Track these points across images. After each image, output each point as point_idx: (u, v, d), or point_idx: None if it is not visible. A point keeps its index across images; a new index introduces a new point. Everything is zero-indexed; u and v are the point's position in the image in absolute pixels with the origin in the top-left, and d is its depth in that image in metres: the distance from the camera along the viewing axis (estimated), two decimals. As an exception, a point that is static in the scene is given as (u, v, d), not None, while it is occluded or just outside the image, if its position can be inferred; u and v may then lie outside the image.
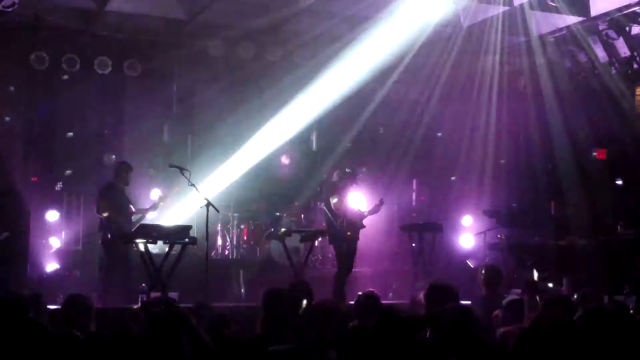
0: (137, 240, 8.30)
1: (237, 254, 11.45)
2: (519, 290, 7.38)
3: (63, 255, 10.58)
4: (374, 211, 9.63)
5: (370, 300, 5.48)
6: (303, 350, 3.82)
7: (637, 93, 11.64)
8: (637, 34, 10.62)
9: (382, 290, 10.12)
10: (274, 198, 12.15)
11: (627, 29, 10.41)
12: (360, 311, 5.41)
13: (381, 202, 9.67)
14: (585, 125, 11.82)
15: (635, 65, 10.78)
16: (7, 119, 11.60)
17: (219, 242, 11.79)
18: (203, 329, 4.68)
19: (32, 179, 11.70)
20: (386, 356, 3.45)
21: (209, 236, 8.26)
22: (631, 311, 7.65)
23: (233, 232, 11.71)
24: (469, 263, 11.62)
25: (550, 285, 9.71)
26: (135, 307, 7.38)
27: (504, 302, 5.61)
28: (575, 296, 6.68)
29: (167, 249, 8.70)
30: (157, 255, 8.94)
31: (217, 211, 9.27)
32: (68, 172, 11.19)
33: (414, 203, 12.54)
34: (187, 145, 12.79)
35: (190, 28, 11.75)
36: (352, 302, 6.00)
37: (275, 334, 4.45)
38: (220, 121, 13.11)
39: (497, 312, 5.61)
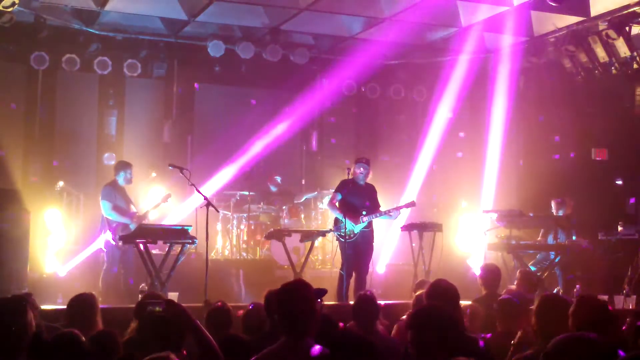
0: (137, 240, 8.30)
1: (237, 254, 11.45)
2: (512, 287, 7.33)
3: (63, 255, 10.57)
4: (396, 213, 9.13)
5: (368, 301, 5.47)
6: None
7: (637, 93, 11.64)
8: (637, 34, 10.62)
9: (382, 291, 10.14)
10: (274, 198, 12.15)
11: (627, 29, 10.40)
12: (359, 312, 5.41)
13: (411, 204, 9.31)
14: (585, 125, 11.82)
15: (635, 65, 10.77)
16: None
17: (219, 242, 11.79)
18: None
19: (32, 179, 11.72)
20: None
21: (209, 236, 8.24)
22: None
23: (233, 232, 11.71)
24: (468, 263, 11.61)
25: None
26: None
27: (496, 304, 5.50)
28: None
29: (167, 249, 8.72)
30: (157, 255, 8.95)
31: (217, 211, 9.28)
32: (60, 183, 11.18)
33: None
34: (187, 146, 12.80)
35: (190, 28, 11.76)
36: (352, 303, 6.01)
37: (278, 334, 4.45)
38: (220, 121, 13.14)
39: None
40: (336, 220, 9.09)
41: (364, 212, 8.95)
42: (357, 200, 9.03)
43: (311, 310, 3.75)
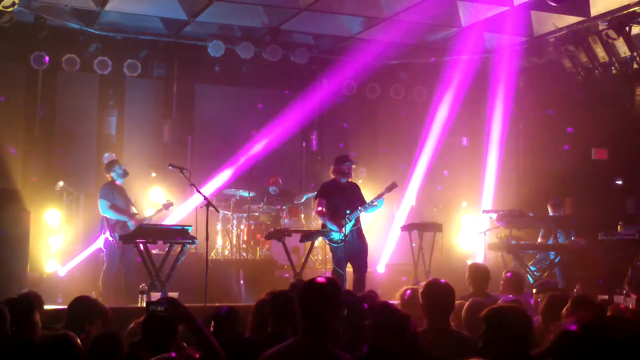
0: (137, 240, 8.30)
1: (237, 254, 11.45)
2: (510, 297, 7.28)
3: (63, 255, 10.57)
4: (380, 201, 8.78)
5: (357, 308, 5.43)
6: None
7: (637, 93, 11.64)
8: (637, 34, 10.62)
9: (382, 291, 10.13)
10: (274, 198, 12.15)
11: (627, 29, 10.40)
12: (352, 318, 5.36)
13: (393, 186, 8.93)
14: (585, 125, 11.82)
15: (635, 65, 10.77)
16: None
17: (219, 242, 11.79)
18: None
19: (32, 179, 11.72)
20: None
21: (209, 236, 8.24)
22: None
23: (233, 232, 11.71)
24: (468, 263, 11.59)
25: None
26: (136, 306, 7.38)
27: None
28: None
29: (167, 249, 8.72)
30: (157, 255, 8.95)
31: (217, 211, 9.29)
32: (60, 183, 11.17)
33: (414, 203, 12.53)
34: (187, 145, 12.80)
35: (190, 28, 11.76)
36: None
37: (283, 333, 4.44)
38: (220, 121, 13.14)
39: None
40: (324, 225, 8.97)
41: (347, 211, 8.74)
42: (342, 200, 8.84)
43: (338, 311, 3.62)
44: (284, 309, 4.51)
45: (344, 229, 8.68)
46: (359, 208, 8.81)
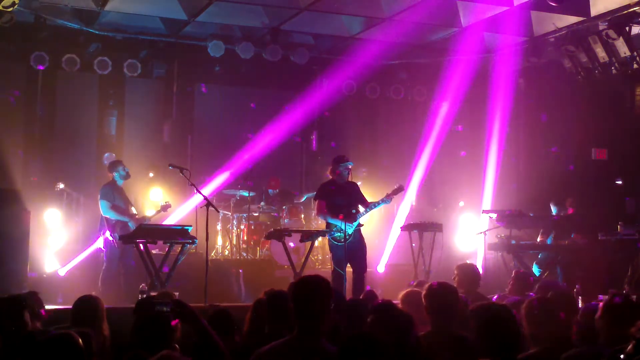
0: (137, 240, 8.30)
1: (237, 254, 11.45)
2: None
3: (63, 255, 10.57)
4: (386, 198, 8.83)
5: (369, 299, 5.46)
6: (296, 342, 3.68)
7: (637, 93, 11.64)
8: (637, 34, 10.62)
9: (382, 291, 10.13)
10: (274, 198, 12.15)
11: (627, 29, 10.41)
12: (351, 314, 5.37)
13: (399, 189, 8.99)
14: (585, 125, 11.82)
15: (635, 65, 10.77)
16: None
17: (219, 242, 11.79)
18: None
19: (32, 179, 11.72)
20: None
21: (209, 236, 8.24)
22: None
23: (233, 232, 11.71)
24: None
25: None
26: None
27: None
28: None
29: (167, 249, 8.72)
30: (157, 255, 8.95)
31: (217, 211, 9.28)
32: (61, 185, 11.15)
33: (414, 203, 12.54)
34: (187, 145, 12.80)
35: (190, 28, 11.76)
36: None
37: (280, 333, 4.44)
38: (220, 121, 13.15)
39: None
40: (329, 225, 8.92)
41: (353, 211, 8.74)
42: (344, 200, 8.79)
43: (328, 309, 3.64)
44: (282, 309, 4.51)
45: (348, 226, 8.63)
46: (365, 209, 8.82)
